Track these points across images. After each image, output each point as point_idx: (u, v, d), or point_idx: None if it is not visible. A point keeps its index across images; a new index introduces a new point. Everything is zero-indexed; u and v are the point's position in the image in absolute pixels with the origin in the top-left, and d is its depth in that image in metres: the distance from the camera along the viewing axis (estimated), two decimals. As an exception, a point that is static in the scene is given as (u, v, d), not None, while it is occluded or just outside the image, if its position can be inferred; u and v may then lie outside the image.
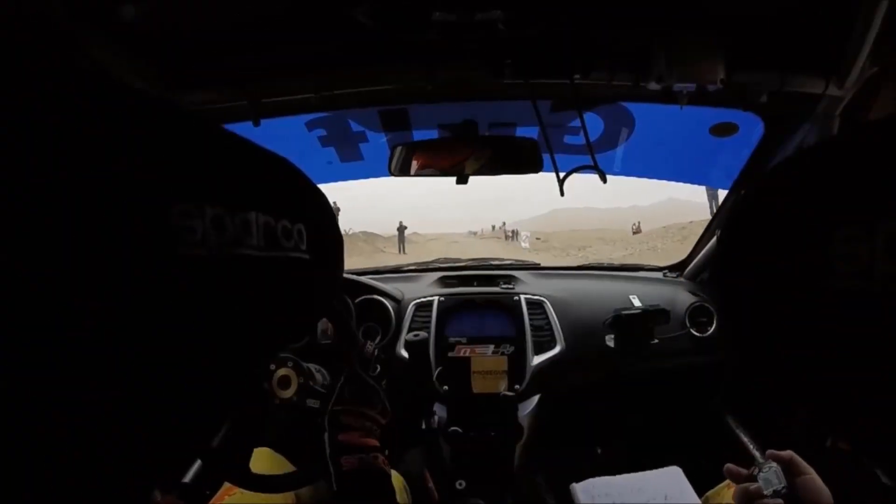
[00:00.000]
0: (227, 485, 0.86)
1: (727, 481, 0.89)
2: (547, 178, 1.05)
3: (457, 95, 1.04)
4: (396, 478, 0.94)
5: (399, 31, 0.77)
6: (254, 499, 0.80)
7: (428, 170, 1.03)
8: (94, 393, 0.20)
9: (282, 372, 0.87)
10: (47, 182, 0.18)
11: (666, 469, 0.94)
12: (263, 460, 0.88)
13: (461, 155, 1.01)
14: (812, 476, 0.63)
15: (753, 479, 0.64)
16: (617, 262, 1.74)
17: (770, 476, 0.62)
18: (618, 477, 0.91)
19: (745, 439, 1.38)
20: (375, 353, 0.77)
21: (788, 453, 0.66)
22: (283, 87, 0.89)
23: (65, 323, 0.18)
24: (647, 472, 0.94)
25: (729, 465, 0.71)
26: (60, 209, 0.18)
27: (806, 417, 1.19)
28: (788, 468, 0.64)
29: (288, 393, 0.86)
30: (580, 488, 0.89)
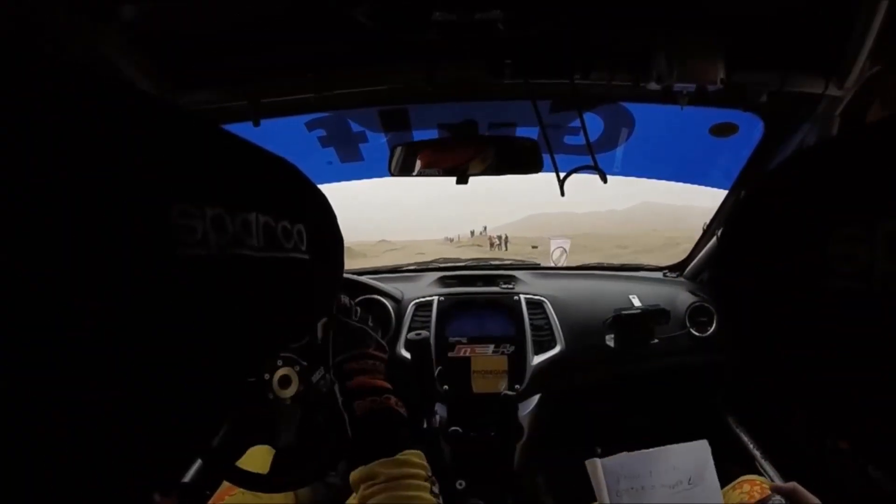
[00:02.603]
0: (226, 484, 0.86)
1: (732, 484, 0.89)
2: (520, 182, 1.05)
3: (457, 95, 1.04)
4: None
5: (399, 31, 0.77)
6: (253, 499, 0.80)
7: (428, 170, 1.03)
8: (94, 393, 0.20)
9: (282, 372, 0.87)
10: (47, 182, 0.18)
11: (695, 444, 0.89)
12: (264, 460, 0.88)
13: (461, 155, 1.01)
14: None
15: None
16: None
17: None
18: (644, 452, 0.86)
19: (746, 439, 1.38)
20: (350, 303, 0.76)
21: (792, 485, 0.66)
22: (283, 87, 0.89)
23: (65, 323, 0.18)
24: (678, 447, 0.88)
25: None
26: (60, 209, 0.18)
27: (806, 417, 1.19)
28: (792, 497, 0.64)
29: (289, 392, 0.86)
30: (602, 466, 0.84)
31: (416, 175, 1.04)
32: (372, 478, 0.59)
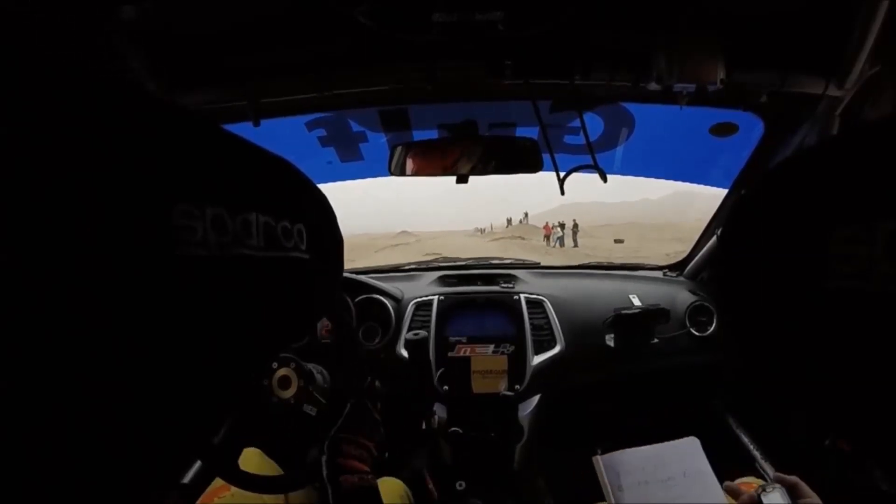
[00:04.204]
0: (217, 483, 0.86)
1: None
2: (550, 173, 1.04)
3: (457, 95, 1.04)
4: (396, 483, 0.94)
5: (399, 31, 0.77)
6: (245, 500, 0.80)
7: (428, 170, 1.03)
8: (94, 393, 0.20)
9: (282, 372, 0.87)
10: (47, 181, 0.18)
11: (684, 441, 0.93)
12: (252, 461, 0.88)
13: (461, 155, 1.01)
14: (815, 500, 0.64)
15: (755, 499, 0.65)
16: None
17: (774, 498, 0.64)
18: (639, 449, 0.90)
19: (746, 439, 1.38)
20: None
21: (794, 478, 0.67)
22: (283, 87, 0.89)
23: (65, 323, 0.18)
24: (667, 444, 0.93)
25: (728, 483, 0.72)
26: (60, 208, 0.18)
27: (806, 417, 1.19)
28: (792, 491, 0.65)
29: (288, 393, 0.86)
30: (604, 462, 0.89)
31: (417, 175, 1.04)
32: None
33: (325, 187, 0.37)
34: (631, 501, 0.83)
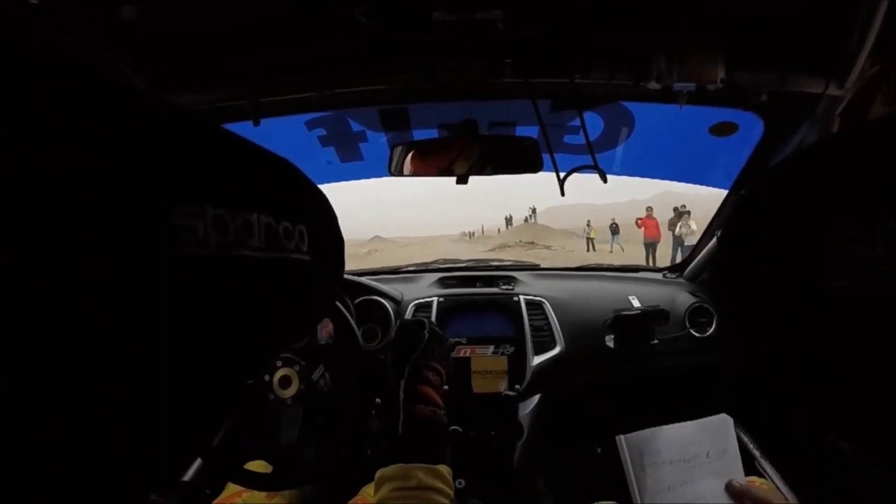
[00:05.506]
0: (231, 490, 0.86)
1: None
2: (538, 174, 1.04)
3: (457, 95, 1.04)
4: None
5: (399, 31, 0.77)
6: (257, 501, 0.80)
7: (427, 170, 1.03)
8: (93, 393, 0.20)
9: (282, 372, 0.87)
10: (46, 181, 0.18)
11: (715, 418, 0.90)
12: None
13: (461, 154, 1.01)
14: None
15: None
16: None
17: None
18: (666, 428, 0.88)
19: (746, 440, 1.38)
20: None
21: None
22: (283, 87, 0.89)
23: (64, 323, 0.18)
24: (697, 422, 0.90)
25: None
26: (60, 208, 0.18)
27: (806, 417, 1.19)
28: None
29: (288, 393, 0.86)
30: (627, 441, 0.87)
31: (416, 175, 1.04)
32: (405, 478, 0.59)
33: (323, 187, 0.37)
34: (652, 482, 0.81)
